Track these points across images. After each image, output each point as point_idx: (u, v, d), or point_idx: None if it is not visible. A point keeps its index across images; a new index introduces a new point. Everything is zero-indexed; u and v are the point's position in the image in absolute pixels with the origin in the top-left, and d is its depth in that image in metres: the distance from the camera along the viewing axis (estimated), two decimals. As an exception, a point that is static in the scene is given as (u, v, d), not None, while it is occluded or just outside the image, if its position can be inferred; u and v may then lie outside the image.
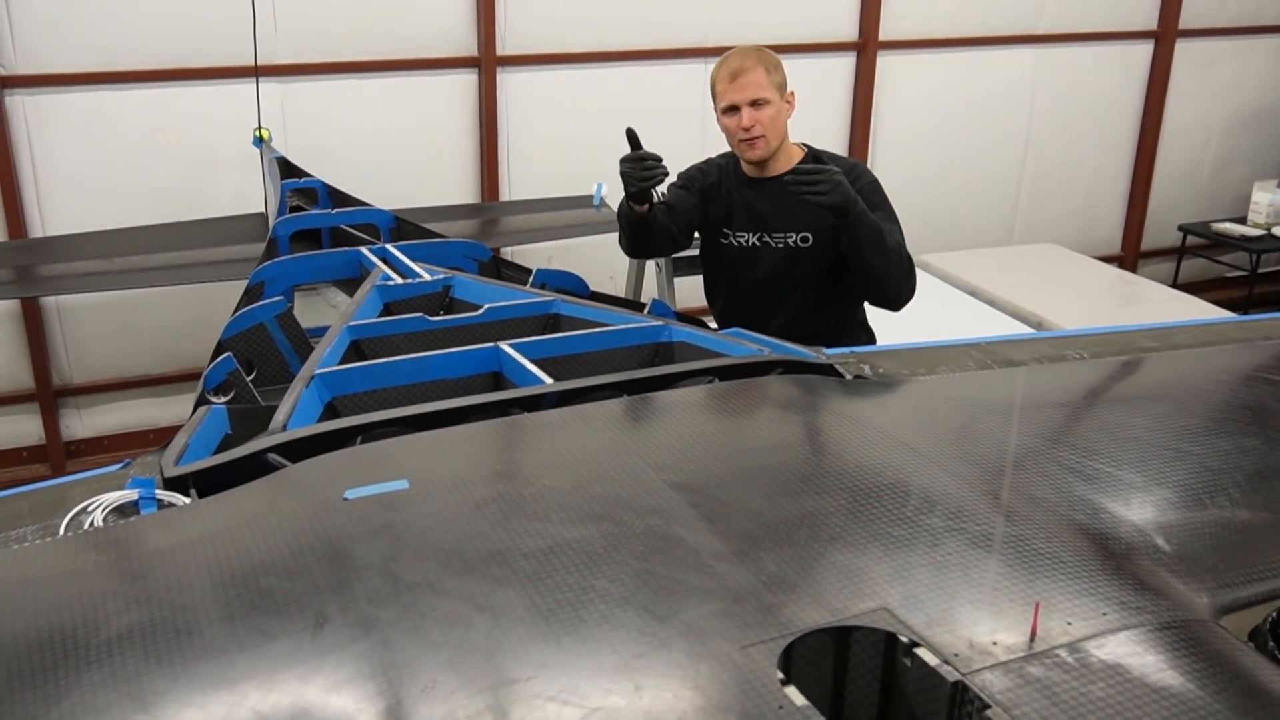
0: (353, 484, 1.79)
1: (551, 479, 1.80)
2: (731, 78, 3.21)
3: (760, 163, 3.32)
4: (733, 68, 3.21)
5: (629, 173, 3.10)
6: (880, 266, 3.11)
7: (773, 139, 3.26)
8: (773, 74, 3.22)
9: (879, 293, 3.24)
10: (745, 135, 3.23)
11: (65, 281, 4.54)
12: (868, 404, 2.20)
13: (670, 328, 2.60)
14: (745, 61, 3.21)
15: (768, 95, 3.20)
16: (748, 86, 3.19)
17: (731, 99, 3.22)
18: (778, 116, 3.25)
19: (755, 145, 3.25)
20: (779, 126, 3.27)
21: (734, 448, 1.96)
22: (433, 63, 5.68)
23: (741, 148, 3.29)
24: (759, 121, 3.21)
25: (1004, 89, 6.99)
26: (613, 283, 6.31)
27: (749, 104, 3.20)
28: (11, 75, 4.99)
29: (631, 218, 3.27)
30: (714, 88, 3.29)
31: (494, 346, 2.44)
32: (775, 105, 3.23)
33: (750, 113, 3.20)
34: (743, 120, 3.21)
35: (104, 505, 1.91)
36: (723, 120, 3.29)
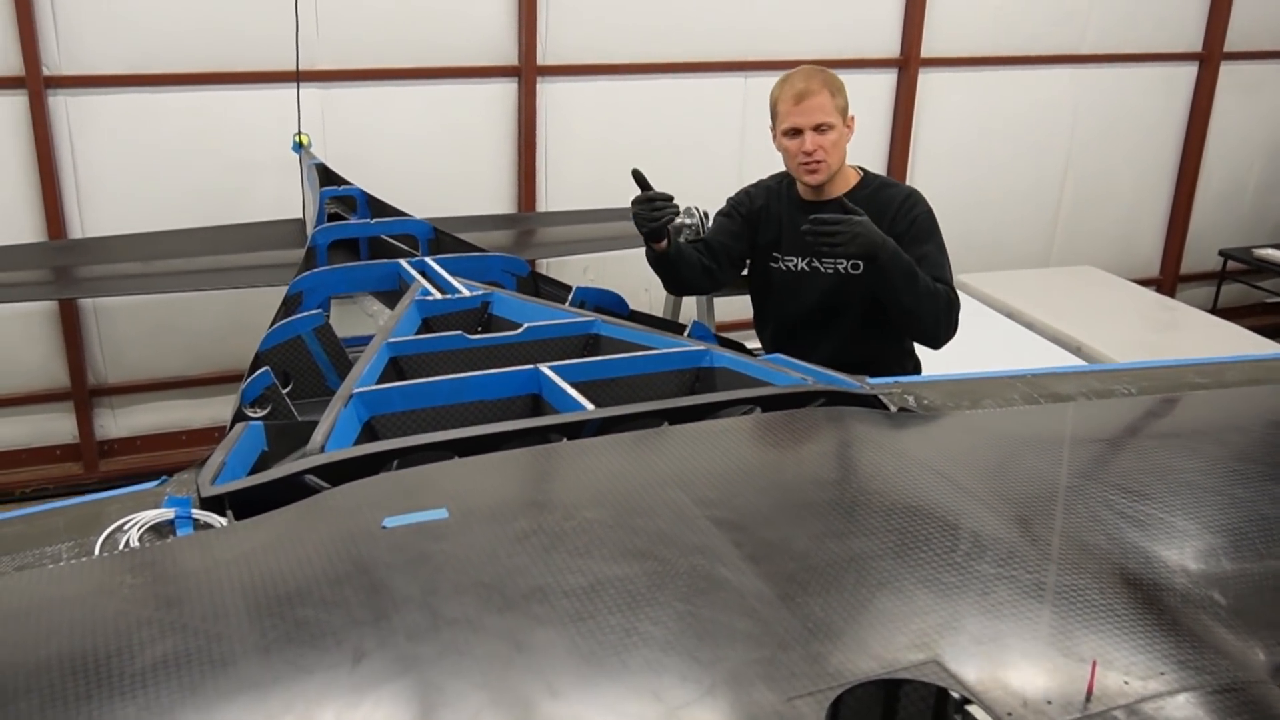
0: (391, 511, 1.77)
1: (593, 511, 1.77)
2: (796, 100, 3.16)
3: (817, 186, 3.27)
4: (798, 89, 3.16)
5: (640, 214, 3.14)
6: (912, 307, 3.07)
7: (833, 164, 3.22)
8: (837, 97, 3.18)
9: (915, 330, 3.21)
10: (806, 160, 3.19)
11: (103, 283, 4.56)
12: (914, 439, 2.15)
13: (712, 353, 2.57)
14: (811, 84, 3.16)
15: (832, 120, 3.16)
16: (813, 110, 3.14)
17: (795, 122, 3.17)
18: (839, 141, 3.21)
19: (816, 170, 3.21)
20: (840, 152, 3.23)
21: (778, 483, 1.92)
22: (473, 71, 5.68)
23: (800, 171, 3.24)
24: (821, 146, 3.16)
25: (1045, 109, 6.92)
26: (648, 294, 6.28)
27: (813, 128, 3.15)
28: (55, 76, 5.01)
29: (651, 256, 3.26)
30: (775, 107, 3.24)
31: (533, 369, 2.41)
32: (838, 130, 3.19)
33: (813, 137, 3.15)
34: (805, 144, 3.16)
35: (139, 524, 1.90)
36: (782, 141, 3.25)
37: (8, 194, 5.09)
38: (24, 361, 5.39)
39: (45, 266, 4.68)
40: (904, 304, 3.08)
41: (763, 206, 3.41)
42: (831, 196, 3.28)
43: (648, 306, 6.31)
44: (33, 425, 5.53)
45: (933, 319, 3.12)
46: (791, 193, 3.38)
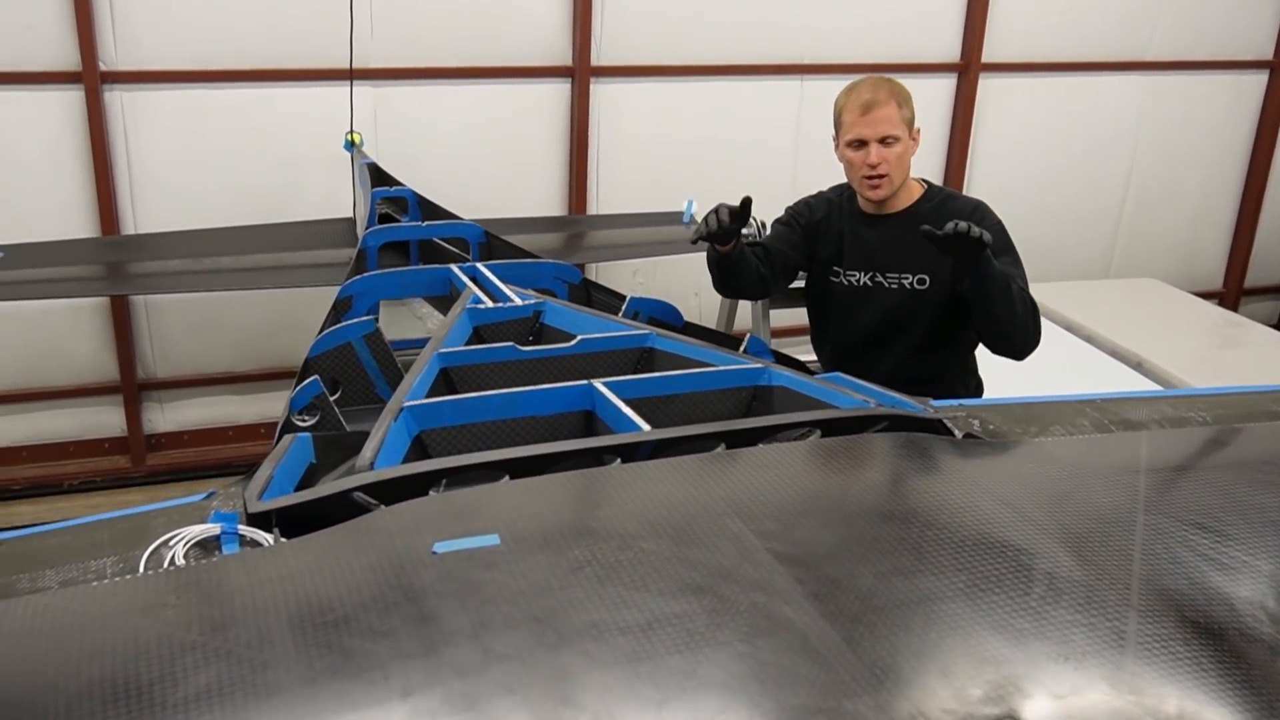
0: (442, 535, 1.71)
1: (649, 541, 1.71)
2: (863, 110, 3.05)
3: (880, 200, 3.19)
4: (865, 100, 3.06)
5: (712, 223, 3.02)
6: (1007, 316, 2.96)
7: (897, 178, 3.13)
8: (904, 109, 3.08)
9: (1004, 342, 3.08)
10: (870, 173, 3.09)
11: (154, 280, 4.57)
12: (982, 469, 2.06)
13: (770, 371, 2.49)
14: (878, 94, 3.06)
15: (898, 132, 3.06)
16: (879, 122, 3.04)
17: (860, 133, 3.07)
18: (904, 155, 3.11)
19: (879, 185, 3.11)
20: (905, 165, 3.14)
21: (841, 514, 1.84)
22: (526, 71, 5.63)
23: (863, 186, 3.15)
24: (886, 160, 3.07)
25: (1109, 116, 6.76)
26: (698, 299, 6.24)
27: (878, 140, 3.05)
28: (111, 71, 5.02)
29: (713, 256, 3.18)
30: (840, 117, 3.15)
31: (587, 385, 2.35)
32: (904, 143, 3.09)
33: (879, 150, 3.06)
34: (870, 157, 3.07)
35: (185, 540, 1.86)
36: (846, 153, 3.14)
37: (64, 188, 5.11)
38: (74, 354, 5.42)
39: (98, 262, 4.69)
40: (998, 314, 2.97)
41: (823, 219, 3.32)
42: (894, 210, 3.19)
43: (698, 312, 6.27)
44: (81, 418, 5.56)
45: (1023, 328, 3.01)
46: (852, 206, 3.29)
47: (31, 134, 5.02)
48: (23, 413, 5.46)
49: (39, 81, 4.95)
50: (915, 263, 3.18)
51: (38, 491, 5.45)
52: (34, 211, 5.06)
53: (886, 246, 3.22)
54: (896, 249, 3.20)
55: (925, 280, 3.16)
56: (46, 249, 4.50)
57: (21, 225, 4.90)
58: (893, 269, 3.21)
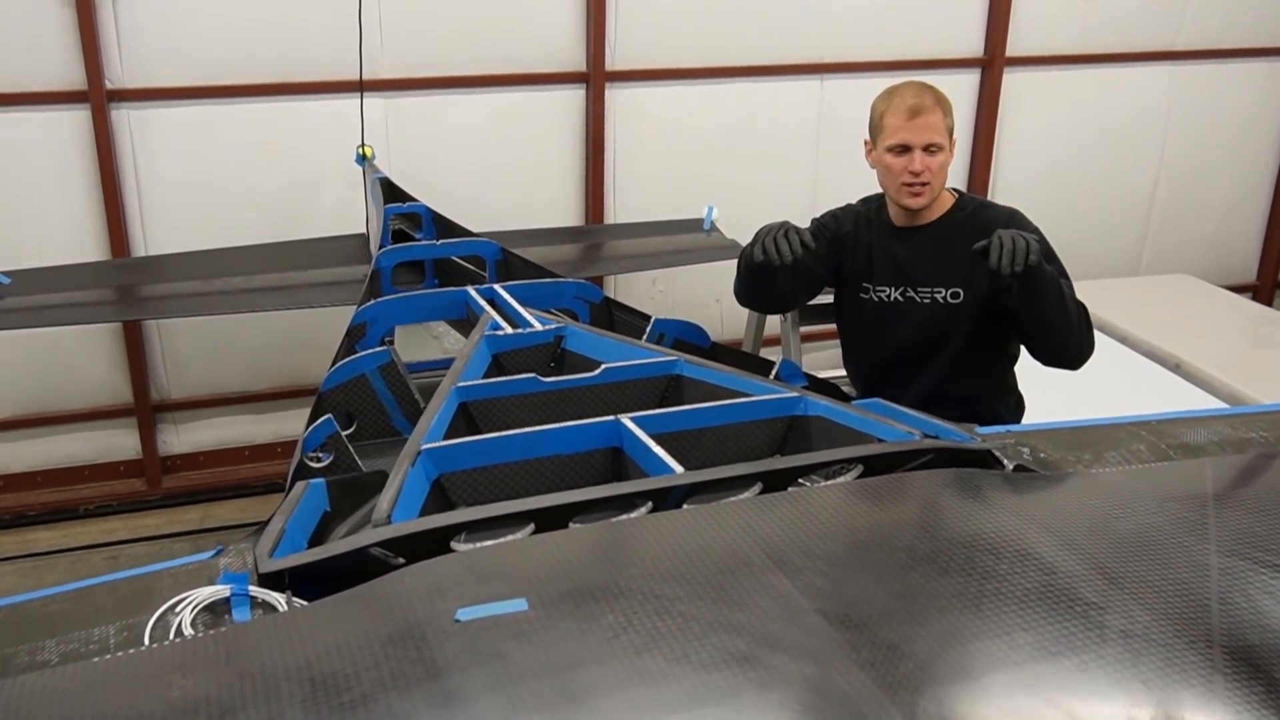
0: (465, 599, 1.59)
1: (688, 603, 1.58)
2: (910, 115, 2.92)
3: (913, 210, 3.05)
4: (911, 104, 2.93)
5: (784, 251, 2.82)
6: (1063, 325, 2.83)
7: (937, 188, 3.00)
8: (948, 118, 2.96)
9: (1060, 352, 2.94)
10: (912, 181, 2.95)
11: (165, 303, 4.46)
12: (1040, 508, 1.93)
13: (806, 400, 2.36)
14: (924, 100, 2.93)
15: (942, 140, 2.94)
16: (925, 129, 2.91)
17: (905, 139, 2.93)
18: (946, 164, 2.98)
19: (920, 193, 2.97)
20: (944, 176, 3.01)
21: (893, 565, 1.71)
22: (540, 78, 5.51)
23: (902, 193, 3.00)
24: (929, 168, 2.94)
25: (1136, 108, 6.59)
26: (719, 305, 6.11)
27: (923, 148, 2.92)
28: (118, 89, 4.93)
29: (752, 265, 3.05)
30: (880, 121, 3.00)
31: (614, 421, 2.23)
32: (946, 153, 2.96)
33: (923, 158, 2.93)
34: (913, 164, 2.93)
35: (193, 604, 1.75)
36: (885, 158, 2.99)
37: (72, 209, 5.03)
38: (87, 377, 5.34)
39: (108, 286, 4.58)
40: (1055, 322, 2.84)
41: (850, 232, 3.18)
42: (927, 221, 3.06)
43: (719, 318, 6.15)
44: (96, 441, 5.47)
45: (1079, 336, 2.89)
46: (881, 218, 3.15)
47: (38, 155, 4.92)
48: (36, 437, 5.38)
49: (45, 102, 4.85)
50: (948, 275, 3.05)
51: (53, 517, 5.37)
52: (42, 234, 4.98)
53: (918, 259, 3.08)
54: (928, 262, 3.07)
55: (959, 294, 3.03)
56: (54, 274, 4.41)
57: (30, 249, 4.82)
58: (924, 283, 3.08)
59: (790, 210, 5.96)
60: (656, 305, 5.95)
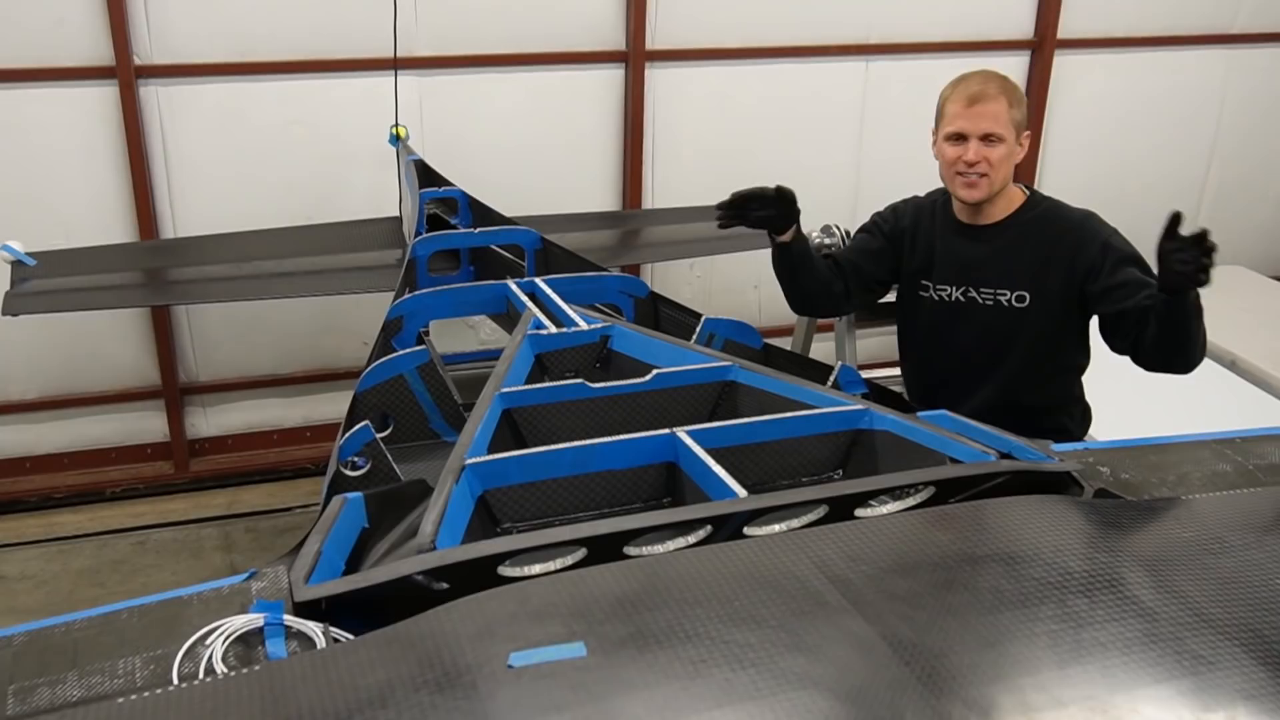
0: (518, 641, 1.47)
1: (760, 650, 1.45)
2: (968, 102, 2.78)
3: (975, 206, 2.90)
4: (972, 91, 2.79)
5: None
6: (1198, 343, 2.62)
7: (996, 182, 2.83)
8: (1014, 109, 2.80)
9: (1179, 363, 2.70)
10: (965, 170, 2.81)
11: (195, 288, 4.35)
12: (1133, 542, 1.79)
13: (871, 413, 2.22)
14: (987, 87, 2.79)
15: (1003, 131, 2.78)
16: (984, 117, 2.77)
17: (961, 126, 2.79)
18: (1008, 158, 2.82)
19: (975, 186, 2.82)
20: (1006, 170, 2.85)
21: (979, 607, 1.58)
22: (578, 56, 5.36)
23: (956, 184, 2.86)
24: (986, 159, 2.78)
25: (1190, 93, 6.38)
26: (757, 292, 5.97)
27: (980, 137, 2.78)
28: (146, 65, 4.82)
29: (774, 254, 2.92)
30: (942, 108, 2.87)
31: (669, 434, 2.10)
32: (1008, 145, 2.80)
33: (978, 147, 2.78)
34: (967, 154, 2.79)
35: (224, 635, 1.63)
36: (942, 146, 2.86)
37: (100, 188, 4.93)
38: (115, 359, 5.25)
39: (137, 269, 4.48)
40: (1193, 339, 2.62)
41: (910, 226, 3.03)
42: (993, 220, 2.91)
43: (757, 305, 6.01)
44: (123, 424, 5.39)
45: (1203, 347, 2.67)
46: (947, 213, 3.00)
47: (65, 132, 4.82)
48: (63, 419, 5.30)
49: (72, 77, 4.74)
50: (1014, 278, 2.90)
51: (80, 499, 5.30)
52: (69, 214, 4.88)
53: (982, 259, 2.93)
54: (993, 262, 2.92)
55: (1025, 297, 2.88)
56: (81, 256, 4.31)
57: (57, 229, 4.72)
58: (988, 284, 2.93)
59: (833, 196, 5.85)
60: (694, 291, 5.81)
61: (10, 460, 5.27)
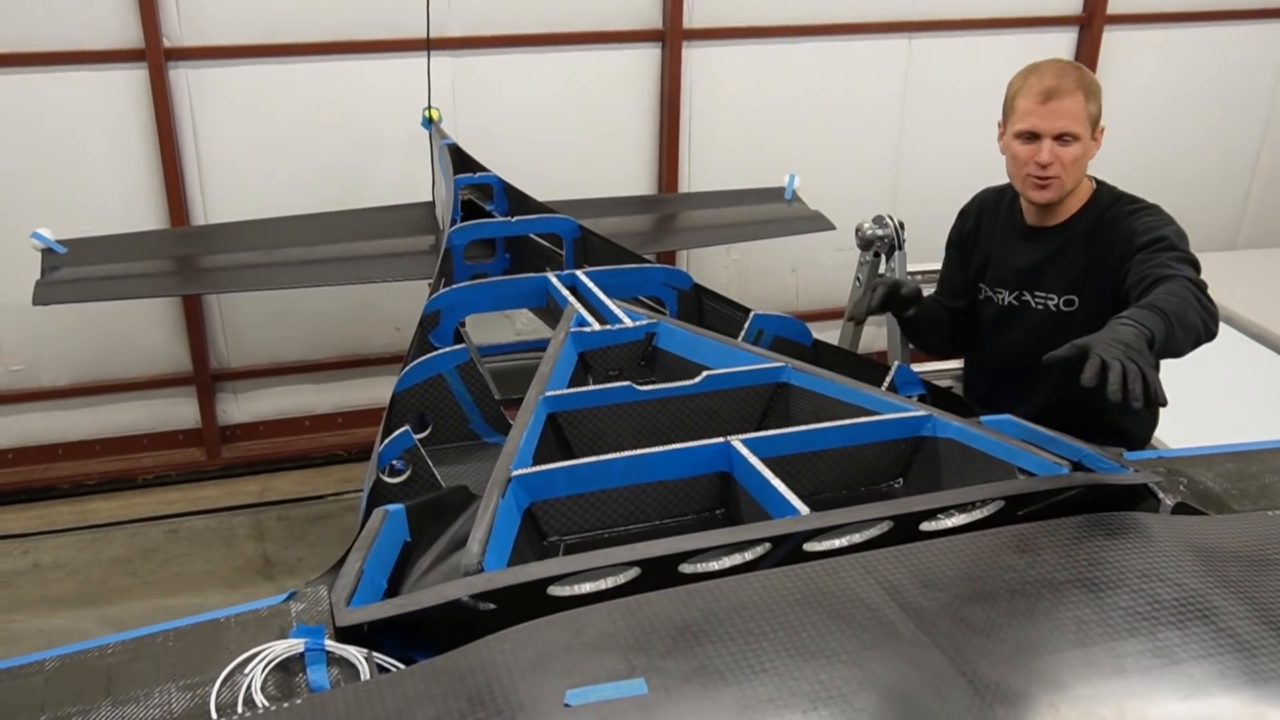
0: (574, 675, 1.39)
1: (831, 689, 1.36)
2: (1044, 98, 2.58)
3: (1044, 207, 2.75)
4: (1047, 86, 2.59)
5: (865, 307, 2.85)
6: (1191, 346, 2.43)
7: (1069, 182, 2.67)
8: (1091, 103, 2.61)
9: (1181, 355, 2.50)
10: (1038, 173, 2.64)
11: (227, 276, 4.28)
12: (1223, 565, 1.67)
13: (934, 420, 2.12)
14: (1064, 81, 2.59)
15: (1078, 130, 2.59)
16: (1060, 115, 2.57)
17: (1035, 124, 2.60)
18: (1083, 158, 2.64)
19: (1047, 187, 2.66)
20: (1080, 169, 2.67)
21: (1064, 641, 1.48)
22: (614, 36, 5.23)
23: (1027, 186, 2.69)
24: (1060, 160, 2.61)
25: (1243, 70, 6.17)
26: (795, 276, 5.87)
27: (1054, 136, 2.59)
28: (176, 47, 4.74)
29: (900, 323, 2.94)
30: (1012, 102, 2.68)
31: (724, 444, 2.00)
32: (1083, 144, 2.62)
33: (1053, 147, 2.60)
34: (1041, 154, 2.61)
35: (264, 662, 1.56)
36: (1012, 145, 2.68)
37: (129, 173, 4.86)
38: (146, 345, 5.20)
39: (168, 256, 4.41)
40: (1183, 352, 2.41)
41: (973, 228, 2.93)
42: (1058, 221, 2.77)
43: (793, 289, 5.91)
44: (155, 410, 5.35)
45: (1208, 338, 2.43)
46: (1013, 212, 2.86)
47: (94, 117, 4.75)
48: (94, 405, 5.26)
49: (100, 61, 4.67)
50: (1065, 281, 2.76)
51: (112, 486, 5.27)
52: (99, 199, 4.82)
53: (1037, 262, 2.79)
54: (1047, 265, 2.78)
55: (1074, 301, 2.75)
56: (112, 243, 4.24)
57: (86, 215, 4.65)
58: (1041, 287, 2.79)
59: (873, 179, 5.71)
60: (730, 275, 5.71)
61: (43, 447, 5.24)
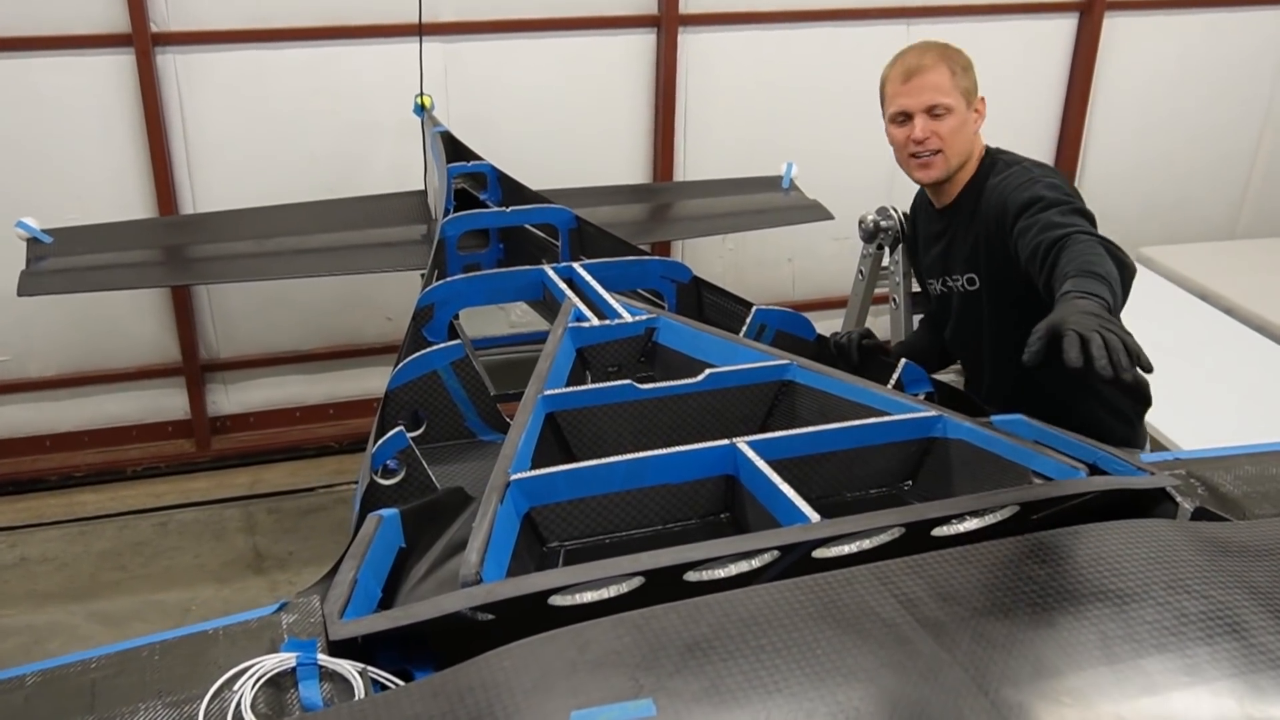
0: (579, 696, 1.33)
1: (849, 711, 1.31)
2: (907, 77, 2.53)
3: (938, 186, 2.67)
4: (908, 65, 2.55)
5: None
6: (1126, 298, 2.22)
7: (953, 157, 2.58)
8: (959, 76, 2.54)
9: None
10: (916, 150, 2.57)
11: (217, 266, 4.21)
12: (1250, 574, 1.61)
13: (945, 421, 2.06)
14: (924, 58, 2.54)
15: (949, 101, 2.52)
16: (924, 89, 2.51)
17: (903, 104, 2.55)
18: (961, 129, 2.56)
19: (930, 165, 2.58)
20: (961, 142, 2.58)
21: (1088, 658, 1.42)
22: (608, 21, 5.17)
23: (911, 165, 2.62)
24: (936, 134, 2.53)
25: (1245, 56, 6.10)
26: (791, 265, 5.81)
27: (924, 111, 2.53)
28: (163, 32, 4.66)
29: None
30: (883, 89, 2.64)
31: (729, 446, 1.94)
32: (959, 115, 2.54)
33: (925, 123, 2.53)
34: (915, 131, 2.54)
35: (254, 678, 1.50)
36: (890, 131, 2.62)
37: (116, 161, 4.79)
38: (135, 335, 5.13)
39: (156, 246, 4.33)
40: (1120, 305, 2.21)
41: (911, 230, 2.95)
42: (952, 198, 2.68)
43: (789, 279, 5.85)
44: (144, 401, 5.29)
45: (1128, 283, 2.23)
46: (926, 199, 2.82)
47: (80, 103, 4.67)
48: (82, 396, 5.19)
49: (86, 45, 4.59)
50: (960, 260, 2.68)
51: (101, 478, 5.20)
52: (86, 188, 4.74)
53: (944, 244, 2.74)
54: (951, 246, 2.72)
55: (975, 280, 2.66)
56: (99, 233, 4.15)
57: (74, 203, 4.57)
58: (951, 270, 2.73)
59: (870, 168, 5.61)
60: (725, 265, 5.65)
61: (30, 438, 5.17)
